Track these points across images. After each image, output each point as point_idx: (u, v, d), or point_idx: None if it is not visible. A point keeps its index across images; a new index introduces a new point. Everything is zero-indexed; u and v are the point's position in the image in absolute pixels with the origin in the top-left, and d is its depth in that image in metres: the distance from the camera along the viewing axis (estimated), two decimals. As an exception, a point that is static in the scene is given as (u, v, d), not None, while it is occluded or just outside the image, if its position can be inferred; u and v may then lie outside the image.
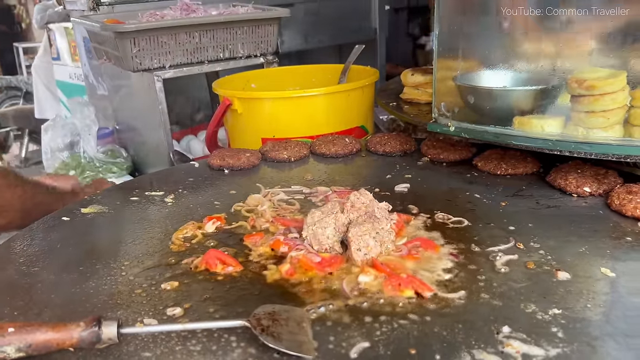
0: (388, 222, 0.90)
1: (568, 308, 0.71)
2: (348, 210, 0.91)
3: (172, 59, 1.74)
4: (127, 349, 0.66)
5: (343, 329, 0.69)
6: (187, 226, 0.99)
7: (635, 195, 0.95)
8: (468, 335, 0.67)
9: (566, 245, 0.87)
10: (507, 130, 1.07)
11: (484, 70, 1.15)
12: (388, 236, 0.87)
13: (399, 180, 1.18)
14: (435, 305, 0.73)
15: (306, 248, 0.86)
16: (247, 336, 0.68)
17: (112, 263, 0.87)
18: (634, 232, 0.90)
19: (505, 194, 1.08)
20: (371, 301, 0.74)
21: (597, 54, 0.99)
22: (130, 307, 0.75)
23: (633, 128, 0.98)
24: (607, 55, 0.99)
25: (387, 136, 1.38)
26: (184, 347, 0.66)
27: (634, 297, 0.72)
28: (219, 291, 0.79)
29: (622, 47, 0.97)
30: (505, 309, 0.72)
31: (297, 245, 0.87)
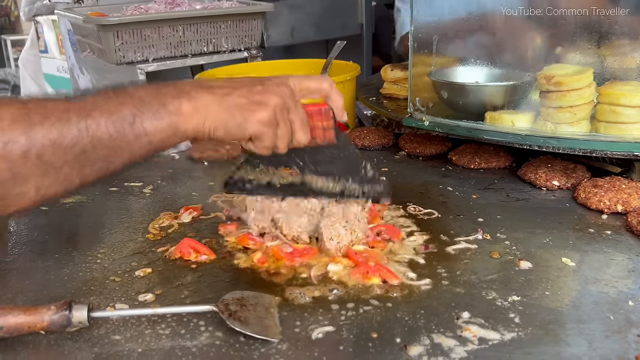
0: (359, 207, 0.92)
1: (527, 295, 0.73)
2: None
3: (155, 52, 1.75)
4: (97, 332, 0.68)
5: (309, 314, 0.71)
6: (163, 216, 1.01)
7: (600, 189, 0.98)
8: (429, 321, 0.69)
9: (531, 236, 0.90)
10: (479, 125, 1.10)
11: (459, 66, 1.17)
12: (358, 224, 0.89)
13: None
14: (400, 292, 0.76)
15: (280, 238, 0.88)
16: (216, 320, 0.70)
17: (88, 251, 0.89)
18: (597, 224, 0.93)
19: (477, 187, 1.11)
20: (338, 288, 0.77)
21: (565, 52, 1.01)
22: (103, 294, 0.77)
23: (599, 123, 1.01)
24: (574, 53, 1.01)
25: (367, 130, 1.41)
26: (153, 330, 0.68)
27: (590, 285, 0.75)
28: (191, 278, 0.81)
29: (588, 45, 1.00)
30: (466, 296, 0.74)
31: (270, 237, 0.89)
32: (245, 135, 0.70)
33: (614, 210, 0.95)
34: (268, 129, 0.70)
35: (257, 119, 0.69)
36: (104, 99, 0.62)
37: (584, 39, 1.00)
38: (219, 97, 0.67)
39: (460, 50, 1.15)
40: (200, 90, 0.67)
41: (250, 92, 0.69)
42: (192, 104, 0.65)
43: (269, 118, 0.69)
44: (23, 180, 0.56)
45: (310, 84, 0.77)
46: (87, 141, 0.59)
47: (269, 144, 0.72)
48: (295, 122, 0.73)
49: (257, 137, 0.71)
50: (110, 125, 0.60)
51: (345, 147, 0.86)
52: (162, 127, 0.63)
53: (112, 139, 0.60)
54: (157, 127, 0.63)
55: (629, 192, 0.96)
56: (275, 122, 0.71)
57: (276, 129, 0.71)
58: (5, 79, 7.04)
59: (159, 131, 0.63)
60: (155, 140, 0.63)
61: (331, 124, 0.81)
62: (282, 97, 0.71)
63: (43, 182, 0.57)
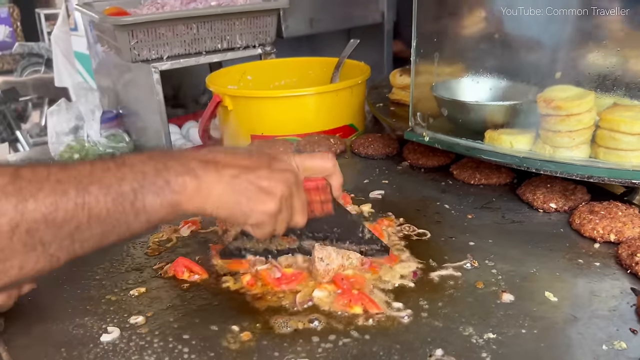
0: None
1: (502, 333, 0.75)
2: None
3: (170, 50, 1.78)
4: (87, 357, 0.72)
5: (288, 345, 0.74)
6: (164, 231, 1.04)
7: (596, 215, 0.98)
8: (402, 357, 0.71)
9: (519, 265, 0.90)
10: (477, 144, 1.10)
11: (461, 81, 1.16)
12: (353, 252, 0.91)
13: (375, 186, 1.22)
14: (379, 324, 0.77)
15: (271, 262, 0.91)
16: (199, 348, 0.74)
17: (87, 266, 0.93)
18: (588, 253, 0.93)
19: (475, 205, 1.11)
20: (320, 318, 0.79)
21: (566, 74, 1.00)
22: (97, 314, 0.81)
23: (599, 148, 1.00)
24: (576, 75, 0.99)
25: (371, 138, 1.41)
26: (140, 357, 0.72)
27: (567, 325, 0.76)
28: (181, 300, 0.84)
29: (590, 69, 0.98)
30: (444, 330, 0.76)
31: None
32: (248, 222, 0.71)
33: (606, 240, 0.94)
34: (271, 219, 0.71)
35: (263, 210, 0.69)
36: (103, 170, 0.59)
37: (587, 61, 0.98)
38: (226, 179, 0.66)
39: (463, 66, 1.14)
40: (207, 168, 0.66)
41: (259, 178, 0.68)
42: (197, 183, 0.64)
43: (275, 209, 0.70)
44: (7, 256, 0.53)
45: (314, 164, 0.80)
46: (83, 217, 0.56)
47: (269, 230, 0.73)
48: (296, 208, 0.75)
49: (258, 225, 0.72)
50: (110, 202, 0.58)
51: (343, 215, 0.89)
52: (164, 205, 0.62)
53: (110, 216, 0.58)
54: (159, 205, 0.61)
55: (624, 221, 0.95)
56: (280, 212, 0.71)
57: (278, 217, 0.72)
58: (39, 53, 7.19)
59: (160, 209, 0.62)
60: (154, 218, 0.63)
61: (329, 198, 0.84)
62: (288, 185, 0.71)
63: (28, 260, 0.54)
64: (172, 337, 0.76)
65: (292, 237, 0.89)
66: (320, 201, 0.83)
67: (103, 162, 0.60)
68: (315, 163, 0.80)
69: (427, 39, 1.14)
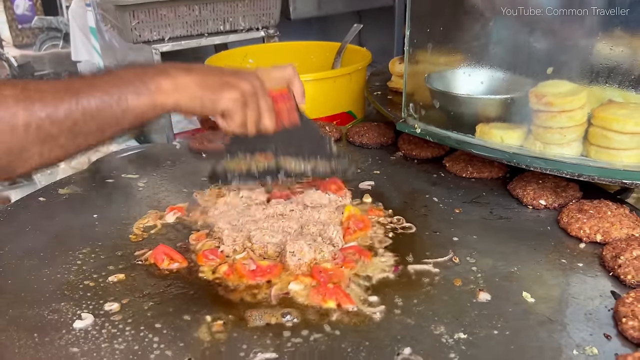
0: (335, 231, 0.94)
1: (474, 333, 0.74)
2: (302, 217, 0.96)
3: (171, 32, 1.77)
4: (58, 343, 0.73)
5: (258, 338, 0.74)
6: (149, 216, 1.05)
7: (584, 214, 0.96)
8: (370, 354, 0.71)
9: (500, 263, 0.89)
10: (467, 137, 1.08)
11: (455, 73, 1.14)
12: (326, 245, 0.90)
13: (366, 176, 1.21)
14: (351, 319, 0.77)
15: (248, 252, 0.91)
16: (169, 338, 0.74)
17: (70, 250, 0.94)
18: (572, 254, 0.91)
19: (464, 199, 1.10)
20: (293, 313, 0.78)
21: (560, 69, 0.97)
22: (74, 299, 0.82)
23: (590, 146, 0.98)
24: (570, 72, 0.96)
25: (367, 127, 1.40)
26: (110, 345, 0.73)
27: (540, 327, 0.75)
28: (158, 287, 0.85)
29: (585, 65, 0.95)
30: (415, 328, 0.75)
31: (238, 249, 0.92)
32: (217, 110, 0.80)
33: (592, 240, 0.93)
34: (237, 107, 0.81)
35: (227, 96, 0.80)
36: (94, 79, 0.71)
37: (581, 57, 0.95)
38: (196, 77, 0.78)
39: (457, 57, 1.11)
40: (180, 71, 0.77)
41: (225, 77, 0.81)
42: (171, 81, 0.75)
43: (238, 97, 0.80)
44: (27, 148, 0.65)
45: (275, 74, 0.91)
46: (78, 115, 0.68)
47: (239, 121, 0.82)
48: (262, 108, 0.85)
49: (228, 114, 0.81)
50: (98, 101, 0.69)
51: (310, 127, 0.98)
52: (144, 102, 0.73)
53: (100, 113, 0.69)
54: (139, 103, 0.72)
55: (612, 221, 0.93)
56: (244, 103, 0.82)
57: (245, 110, 0.82)
58: (57, 27, 7.22)
59: (141, 105, 0.73)
60: (138, 114, 0.73)
61: (293, 106, 0.93)
62: (251, 84, 0.82)
63: (44, 149, 0.67)
64: (144, 326, 0.76)
65: (268, 153, 0.94)
66: (286, 109, 0.91)
67: (94, 74, 0.73)
68: (276, 72, 0.91)
69: (421, 28, 1.12)
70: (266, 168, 0.96)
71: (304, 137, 0.96)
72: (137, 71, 0.74)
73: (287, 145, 0.95)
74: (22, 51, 7.42)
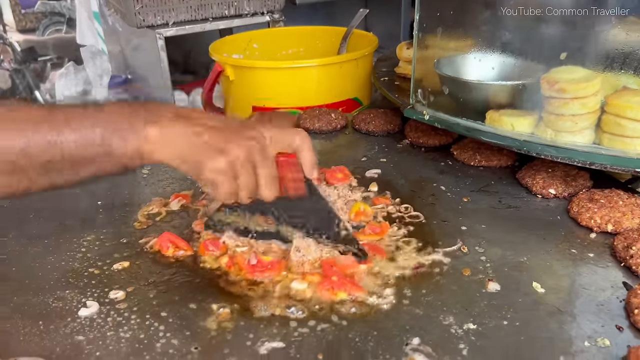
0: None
1: (483, 324, 0.73)
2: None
3: (175, 16, 1.75)
4: (64, 331, 0.73)
5: (265, 327, 0.73)
6: (153, 203, 1.04)
7: (595, 204, 0.94)
8: (378, 344, 0.70)
9: (510, 252, 0.88)
10: (477, 125, 1.06)
11: (465, 58, 1.11)
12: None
13: (372, 165, 1.19)
14: (360, 309, 0.76)
15: (252, 246, 0.89)
16: (175, 326, 0.73)
17: (75, 237, 0.93)
18: (582, 244, 0.90)
19: (472, 188, 1.08)
20: (301, 303, 0.77)
21: (573, 55, 0.95)
22: (79, 287, 0.81)
23: (603, 134, 0.96)
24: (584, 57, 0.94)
25: (373, 114, 1.38)
26: (116, 333, 0.72)
27: (550, 318, 0.74)
28: (164, 275, 0.84)
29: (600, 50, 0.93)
30: (424, 319, 0.74)
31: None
32: (200, 177, 0.72)
33: (603, 230, 0.91)
34: (223, 177, 0.71)
35: (211, 166, 0.70)
36: (79, 116, 0.66)
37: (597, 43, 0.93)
38: (189, 133, 0.69)
39: (468, 42, 1.09)
40: (176, 121, 0.69)
41: (219, 138, 0.71)
42: (160, 132, 0.68)
43: (224, 168, 0.71)
44: None
45: (283, 138, 0.79)
46: (55, 152, 0.64)
47: (227, 191, 0.73)
48: (260, 177, 0.74)
49: (213, 184, 0.73)
50: (79, 142, 0.65)
51: (320, 201, 0.88)
52: (130, 150, 0.67)
53: (80, 155, 0.65)
54: (124, 150, 0.67)
55: (624, 211, 0.92)
56: (233, 173, 0.72)
57: (235, 180, 0.72)
58: (61, 12, 7.18)
59: (126, 153, 0.68)
60: (122, 161, 0.68)
61: (301, 177, 0.82)
62: (248, 150, 0.72)
63: (12, 181, 0.64)
64: (150, 314, 0.76)
65: (270, 218, 0.88)
66: (292, 179, 0.82)
67: (82, 109, 0.67)
68: (284, 137, 0.79)
69: (431, 12, 1.09)
70: (266, 232, 0.89)
71: (312, 210, 0.87)
72: (129, 112, 0.68)
73: (292, 215, 0.87)
74: (26, 36, 7.38)
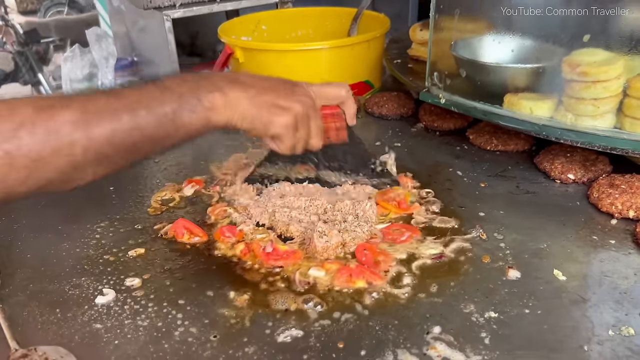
0: (369, 204, 0.91)
1: (505, 312, 0.72)
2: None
3: (183, -3, 1.72)
4: (81, 319, 0.72)
5: (282, 315, 0.73)
6: (166, 188, 1.03)
7: (616, 189, 0.93)
8: (399, 333, 0.69)
9: (529, 239, 0.87)
10: (495, 108, 1.04)
11: (483, 40, 1.09)
12: (359, 223, 0.88)
13: (387, 149, 1.17)
14: (379, 297, 0.75)
15: (268, 233, 0.88)
16: (193, 314, 0.73)
17: (88, 224, 0.92)
18: (603, 230, 0.88)
19: (488, 173, 1.07)
20: (319, 293, 0.76)
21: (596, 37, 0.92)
22: (94, 274, 0.81)
23: (625, 118, 0.94)
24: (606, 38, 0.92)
25: (386, 97, 1.36)
26: (133, 321, 0.72)
27: (573, 307, 0.73)
28: (179, 262, 0.83)
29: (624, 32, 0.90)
30: (444, 307, 0.73)
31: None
32: (268, 134, 0.79)
33: (625, 216, 0.90)
34: (288, 132, 0.79)
35: (280, 122, 0.78)
36: (148, 95, 0.69)
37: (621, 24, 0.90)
38: (250, 95, 0.75)
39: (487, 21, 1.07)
40: (234, 86, 0.75)
41: (278, 97, 0.79)
42: (225, 99, 0.73)
43: (291, 122, 0.79)
44: (83, 169, 0.65)
45: (329, 92, 0.88)
46: (137, 136, 0.67)
47: (289, 144, 0.81)
48: (312, 129, 0.83)
49: (278, 138, 0.80)
50: (156, 121, 0.68)
51: (357, 145, 0.97)
52: (198, 119, 0.72)
53: (157, 133, 0.69)
54: (194, 120, 0.71)
55: (646, 197, 0.90)
56: (296, 127, 0.80)
57: (295, 133, 0.80)
58: (61, -6, 7.10)
59: (195, 123, 0.71)
60: (191, 131, 0.72)
61: (344, 125, 0.92)
62: (304, 105, 0.80)
63: (98, 168, 0.67)
64: (167, 302, 0.75)
65: (310, 166, 0.95)
66: (335, 128, 0.91)
67: (148, 89, 0.70)
68: (331, 91, 0.88)
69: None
70: (306, 178, 0.98)
71: (349, 152, 0.96)
72: (190, 85, 0.72)
73: (330, 159, 0.96)
74: (27, 17, 7.32)
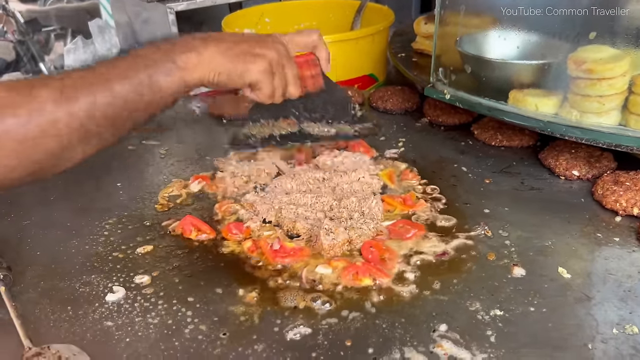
0: (374, 201, 0.92)
1: (510, 310, 0.73)
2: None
3: (186, -11, 1.71)
4: (92, 316, 0.73)
5: (291, 313, 0.73)
6: (173, 184, 1.03)
7: (620, 186, 0.93)
8: (406, 331, 0.70)
9: (534, 236, 0.87)
10: (500, 104, 1.04)
11: (488, 36, 1.09)
12: (366, 221, 0.88)
13: (391, 144, 1.18)
14: (386, 296, 0.76)
15: (275, 230, 0.89)
16: (202, 312, 0.74)
17: (97, 221, 0.93)
18: (607, 227, 0.89)
19: (493, 169, 1.07)
20: (326, 291, 0.77)
21: (602, 34, 0.92)
22: (104, 272, 0.81)
23: (630, 115, 0.94)
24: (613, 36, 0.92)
25: (391, 91, 1.36)
26: (144, 319, 0.73)
27: (578, 305, 0.73)
28: (187, 259, 0.84)
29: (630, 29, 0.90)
30: (450, 305, 0.74)
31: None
32: (246, 82, 0.79)
33: (629, 213, 0.90)
34: (266, 77, 0.79)
35: (256, 68, 0.78)
36: (123, 66, 0.69)
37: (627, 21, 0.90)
38: (223, 49, 0.76)
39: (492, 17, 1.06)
40: (208, 44, 0.75)
41: (251, 46, 0.79)
42: (198, 56, 0.73)
43: (266, 68, 0.79)
44: (71, 147, 0.65)
45: (300, 39, 0.88)
46: (117, 107, 0.67)
47: (267, 92, 0.81)
48: (288, 76, 0.84)
49: (256, 85, 0.80)
50: (133, 90, 0.68)
51: (334, 91, 0.96)
52: (173, 81, 0.72)
53: (136, 101, 0.69)
54: (169, 83, 0.71)
55: (650, 194, 0.91)
56: (272, 73, 0.80)
57: (273, 79, 0.81)
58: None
59: (171, 86, 0.72)
60: (169, 94, 0.72)
61: (319, 72, 0.92)
62: (278, 52, 0.81)
63: (87, 147, 0.67)
64: (177, 299, 0.76)
65: (291, 120, 0.94)
66: (311, 75, 0.91)
67: (124, 60, 0.70)
68: (302, 38, 0.88)
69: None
70: (289, 133, 0.95)
71: (328, 101, 0.95)
72: (164, 50, 0.72)
73: (311, 111, 0.95)
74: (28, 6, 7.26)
